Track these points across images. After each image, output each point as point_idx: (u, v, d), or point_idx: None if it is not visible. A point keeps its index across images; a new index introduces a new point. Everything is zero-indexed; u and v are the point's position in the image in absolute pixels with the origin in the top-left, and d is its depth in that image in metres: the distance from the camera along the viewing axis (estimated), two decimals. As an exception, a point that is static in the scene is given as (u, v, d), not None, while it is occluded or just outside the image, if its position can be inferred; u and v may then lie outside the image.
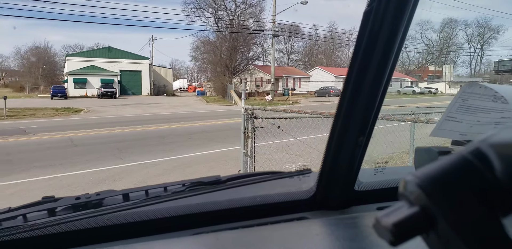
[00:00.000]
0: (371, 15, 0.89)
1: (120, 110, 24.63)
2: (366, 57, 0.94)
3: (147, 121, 17.05)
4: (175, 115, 21.04)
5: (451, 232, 0.36)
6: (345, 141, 1.08)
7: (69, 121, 17.97)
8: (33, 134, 12.84)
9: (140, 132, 13.54)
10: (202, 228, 1.05)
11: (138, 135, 12.73)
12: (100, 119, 18.32)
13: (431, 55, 72.86)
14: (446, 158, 0.39)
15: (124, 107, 27.12)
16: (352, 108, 1.02)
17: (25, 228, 0.93)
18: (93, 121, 17.22)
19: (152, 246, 0.95)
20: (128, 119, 18.67)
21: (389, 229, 0.37)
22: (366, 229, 0.99)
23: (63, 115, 20.78)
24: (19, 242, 0.92)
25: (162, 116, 20.41)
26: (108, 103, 30.70)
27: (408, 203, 0.38)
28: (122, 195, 1.14)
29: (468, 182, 0.37)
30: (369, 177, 1.27)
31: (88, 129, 14.12)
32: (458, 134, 0.83)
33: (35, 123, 16.58)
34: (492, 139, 0.38)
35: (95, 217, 1.00)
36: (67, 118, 19.35)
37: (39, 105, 27.18)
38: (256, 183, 1.26)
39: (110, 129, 14.19)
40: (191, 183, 1.21)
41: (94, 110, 23.89)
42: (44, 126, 15.29)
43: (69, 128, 14.49)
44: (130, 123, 16.37)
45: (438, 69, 71.58)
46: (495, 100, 0.80)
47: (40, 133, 13.16)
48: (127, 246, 0.95)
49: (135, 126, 15.29)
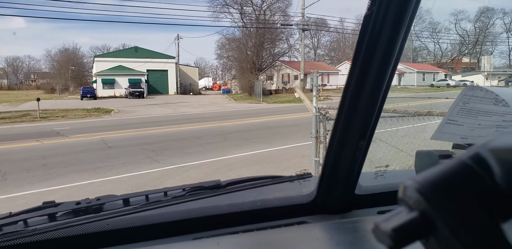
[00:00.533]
0: (371, 19, 0.89)
1: (149, 110, 24.47)
2: (366, 62, 0.94)
3: (178, 121, 16.70)
4: (205, 114, 20.64)
5: (450, 237, 0.35)
6: (345, 145, 1.08)
7: (100, 122, 17.83)
8: (67, 136, 12.65)
9: (173, 132, 13.15)
10: (203, 232, 1.06)
11: (171, 135, 12.33)
12: (131, 120, 18.12)
13: (466, 46, 69.83)
14: (446, 163, 0.39)
15: (153, 107, 26.98)
16: (353, 112, 1.02)
17: (26, 233, 0.94)
18: (124, 122, 17.02)
19: None
20: (159, 119, 18.39)
21: (388, 234, 0.37)
22: (366, 233, 0.96)
23: (94, 116, 20.74)
24: (19, 247, 0.93)
25: (193, 115, 20.04)
26: (136, 103, 30.71)
27: (408, 208, 0.38)
28: (123, 200, 1.14)
29: (468, 187, 0.36)
30: (369, 180, 1.27)
31: (120, 130, 13.85)
32: (459, 137, 0.84)
33: (68, 124, 16.52)
34: (492, 144, 0.38)
35: (96, 222, 1.00)
36: (98, 119, 19.26)
37: (70, 106, 27.43)
38: (256, 188, 1.25)
39: (142, 130, 13.87)
40: (191, 188, 1.21)
41: (124, 110, 23.81)
42: (77, 127, 15.16)
43: (101, 129, 14.28)
44: (162, 123, 16.04)
45: (473, 61, 68.71)
46: (496, 104, 0.81)
47: (73, 134, 12.97)
48: None
49: (167, 126, 14.94)
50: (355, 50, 0.94)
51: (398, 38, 0.91)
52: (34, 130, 14.78)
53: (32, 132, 14.25)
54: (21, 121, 18.25)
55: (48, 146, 10.80)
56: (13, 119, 19.05)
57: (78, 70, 72.08)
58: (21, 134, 13.55)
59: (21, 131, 14.48)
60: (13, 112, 22.29)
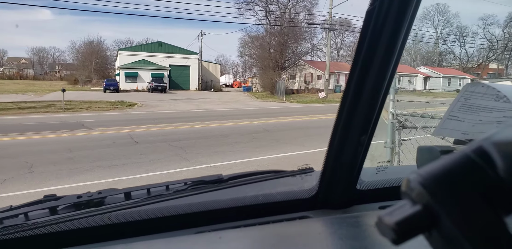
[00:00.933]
0: (374, 14, 0.89)
1: (173, 105, 24.29)
2: (368, 56, 0.95)
3: (203, 118, 16.40)
4: (229, 111, 20.32)
5: (453, 231, 0.35)
6: (347, 140, 1.08)
7: (124, 115, 17.69)
8: (92, 129, 12.48)
9: (199, 129, 12.83)
10: (204, 227, 1.06)
11: (198, 132, 12.01)
12: (155, 115, 17.92)
13: (493, 52, 67.62)
14: (449, 156, 0.38)
15: (176, 102, 26.81)
16: (354, 107, 1.02)
17: (27, 227, 0.94)
18: (148, 117, 16.82)
19: (154, 245, 0.95)
20: (184, 115, 18.15)
21: (391, 228, 0.37)
22: (368, 228, 0.98)
23: (118, 109, 20.65)
24: (20, 240, 0.93)
25: (217, 112, 19.74)
26: (159, 98, 30.63)
27: (411, 202, 0.38)
28: (124, 194, 1.13)
29: (471, 180, 0.36)
30: (371, 176, 1.27)
31: (146, 125, 13.63)
32: (460, 133, 0.85)
33: (92, 117, 16.42)
34: (495, 137, 0.38)
35: (97, 216, 1.00)
36: (122, 113, 19.13)
37: (94, 98, 27.51)
38: (258, 182, 1.25)
39: (168, 125, 13.62)
40: (193, 182, 1.20)
41: (147, 104, 23.69)
42: (101, 120, 15.02)
43: (126, 123, 14.10)
44: (187, 119, 15.78)
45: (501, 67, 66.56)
46: (497, 100, 0.81)
47: (98, 127, 12.80)
48: (129, 245, 0.95)
49: (192, 122, 14.64)
50: (357, 46, 0.95)
51: (400, 33, 0.92)
52: (59, 121, 14.70)
53: (57, 123, 14.16)
54: (46, 112, 18.27)
55: (74, 138, 10.62)
56: (38, 109, 19.11)
57: (101, 62, 72.74)
58: (47, 125, 13.45)
59: (46, 122, 14.41)
60: (38, 102, 22.43)
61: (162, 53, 47.09)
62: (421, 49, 74.82)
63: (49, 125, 13.42)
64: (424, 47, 73.01)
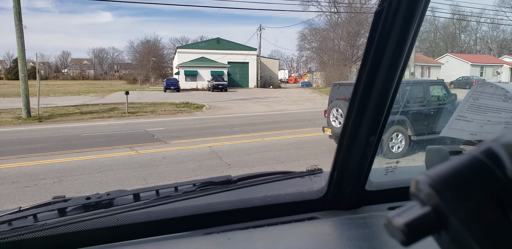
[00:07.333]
0: (382, 15, 0.89)
1: (241, 106, 21.80)
2: (377, 57, 0.94)
3: (287, 124, 13.58)
4: (311, 114, 17.24)
5: (463, 232, 0.35)
6: (356, 141, 1.07)
7: (195, 121, 15.35)
8: (165, 142, 10.14)
9: (301, 141, 9.98)
10: (213, 228, 1.05)
11: (303, 147, 9.22)
12: (228, 119, 15.44)
13: None
14: (458, 158, 0.38)
15: (243, 102, 24.31)
16: (363, 108, 1.02)
17: (36, 228, 0.94)
18: (223, 122, 14.35)
19: (163, 246, 0.95)
20: (261, 119, 15.51)
21: (401, 229, 0.37)
22: (377, 229, 0.97)
23: (186, 113, 18.49)
24: (29, 242, 0.92)
25: (297, 115, 16.80)
26: (222, 97, 28.37)
27: (420, 203, 0.38)
28: (133, 195, 1.13)
29: (480, 181, 0.36)
30: (380, 176, 1.27)
31: (226, 135, 11.09)
32: (469, 133, 0.83)
33: (160, 123, 14.26)
34: (504, 139, 0.38)
35: (106, 217, 0.99)
36: (192, 117, 16.87)
37: (155, 99, 25.79)
38: (267, 183, 1.25)
39: (255, 136, 10.95)
40: (202, 183, 1.20)
41: (215, 106, 21.38)
42: (172, 129, 12.74)
43: (202, 133, 11.68)
44: (269, 126, 13.08)
45: None
46: (506, 100, 0.80)
47: (172, 139, 10.46)
48: (138, 246, 0.95)
49: (281, 130, 11.89)
50: (366, 46, 0.94)
51: (408, 34, 0.91)
52: (125, 130, 12.64)
53: (123, 132, 12.08)
54: (109, 117, 16.49)
55: (146, 158, 8.26)
56: (101, 114, 17.42)
57: (158, 61, 72.78)
58: (112, 136, 11.39)
59: (111, 131, 12.40)
60: (101, 106, 20.95)
61: (220, 50, 45.11)
62: (499, 36, 67.59)
63: (115, 136, 11.34)
64: (501, 34, 65.89)
